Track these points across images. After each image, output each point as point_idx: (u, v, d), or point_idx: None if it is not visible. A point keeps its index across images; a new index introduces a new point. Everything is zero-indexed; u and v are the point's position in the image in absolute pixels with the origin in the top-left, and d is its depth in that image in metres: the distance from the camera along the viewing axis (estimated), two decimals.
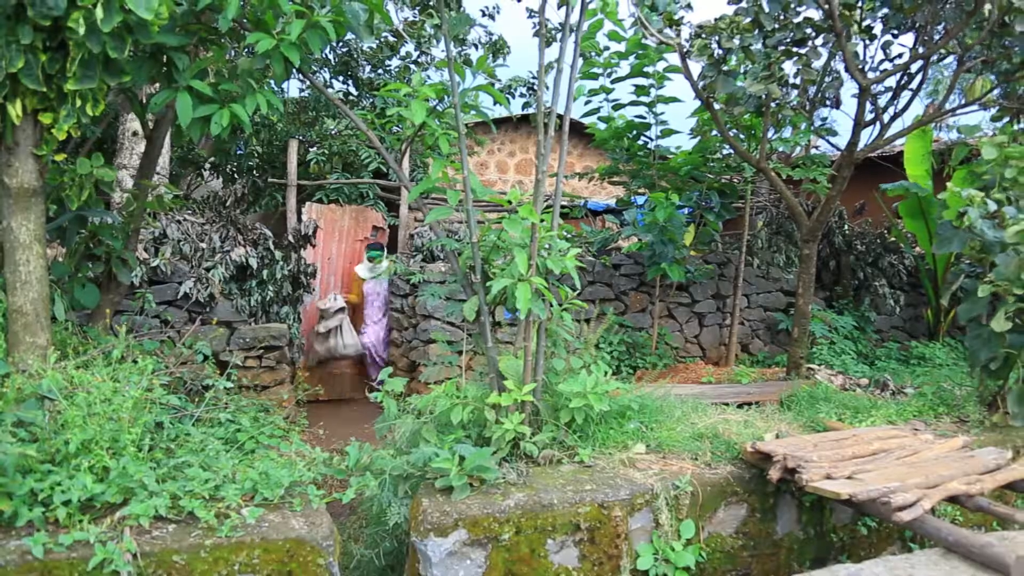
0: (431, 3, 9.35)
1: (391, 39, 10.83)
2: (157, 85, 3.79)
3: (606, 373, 4.13)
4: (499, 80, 6.64)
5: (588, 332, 5.45)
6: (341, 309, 8.18)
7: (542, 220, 3.83)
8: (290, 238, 7.21)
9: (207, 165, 10.68)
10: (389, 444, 3.96)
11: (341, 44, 11.01)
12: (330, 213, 8.88)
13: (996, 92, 6.02)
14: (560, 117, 4.09)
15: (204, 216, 7.06)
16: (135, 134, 8.06)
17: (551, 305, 4.00)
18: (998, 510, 3.67)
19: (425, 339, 7.08)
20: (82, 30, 3.10)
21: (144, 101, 4.54)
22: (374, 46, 11.11)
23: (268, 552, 2.86)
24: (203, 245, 6.26)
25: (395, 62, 11.75)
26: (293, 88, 13.03)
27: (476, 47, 9.33)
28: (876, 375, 6.73)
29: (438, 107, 3.96)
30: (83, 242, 4.48)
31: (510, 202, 4.15)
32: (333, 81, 11.79)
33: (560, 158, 4.17)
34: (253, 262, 6.31)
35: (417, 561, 3.30)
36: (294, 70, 3.74)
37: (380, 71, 11.64)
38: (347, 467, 3.63)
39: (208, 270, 6.03)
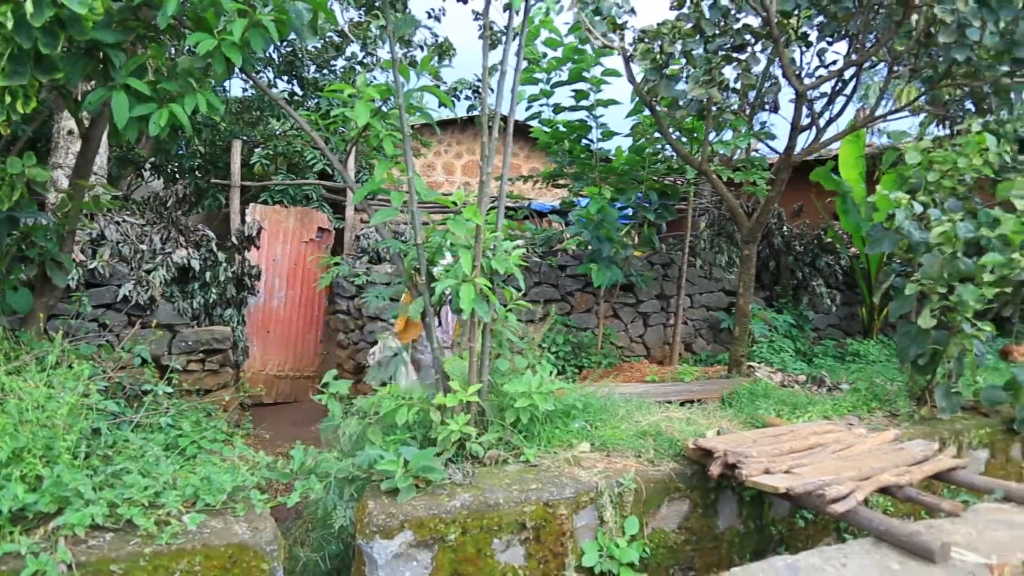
0: (377, 4, 9.29)
1: (336, 39, 10.71)
2: (93, 83, 3.68)
3: (551, 373, 4.15)
4: (445, 82, 6.65)
5: (534, 332, 5.49)
6: (395, 356, 6.26)
7: (487, 221, 3.84)
8: (233, 240, 7.09)
9: (147, 165, 10.41)
10: (334, 447, 3.92)
11: (286, 44, 10.85)
12: (275, 215, 8.74)
13: (923, 99, 6.24)
14: (504, 119, 4.11)
15: (144, 217, 6.87)
16: (70, 133, 7.80)
17: (496, 306, 4.02)
18: (925, 499, 3.84)
19: (371, 340, 7.01)
20: (10, 24, 3.00)
21: (79, 99, 4.41)
22: (319, 46, 10.97)
23: (210, 559, 2.80)
24: (143, 247, 6.10)
25: (341, 63, 11.62)
26: (236, 87, 12.81)
27: (422, 49, 9.32)
28: (813, 372, 6.92)
29: (383, 108, 3.94)
30: (14, 244, 4.33)
31: (455, 203, 4.15)
32: (277, 81, 11.62)
33: (504, 159, 4.19)
34: (195, 264, 6.18)
35: (363, 564, 3.27)
36: (236, 70, 3.68)
37: (325, 71, 11.51)
38: (291, 470, 3.58)
39: (148, 272, 5.88)
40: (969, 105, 5.89)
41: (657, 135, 7.04)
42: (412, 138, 3.88)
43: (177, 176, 10.38)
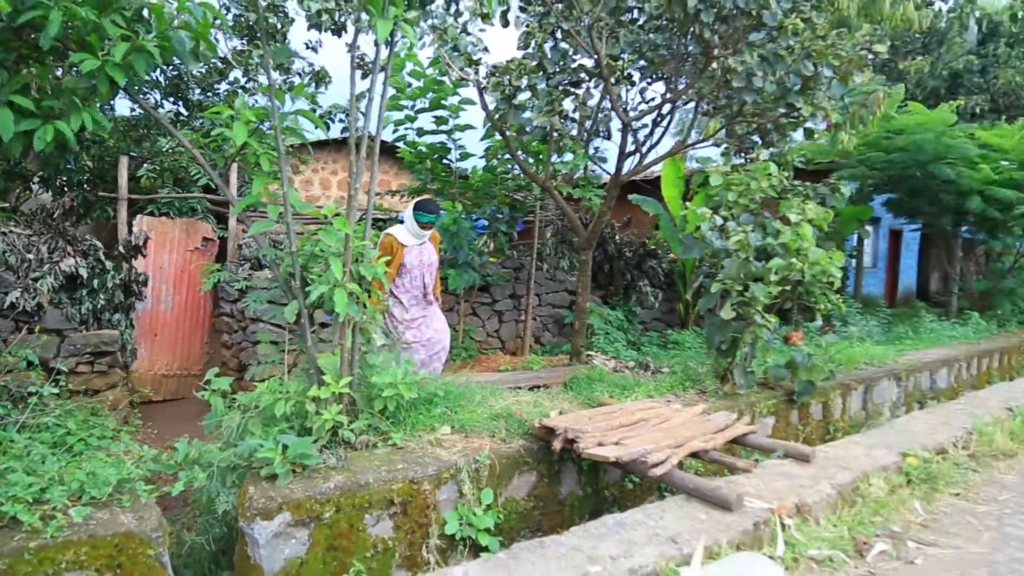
0: (257, 35, 9.03)
1: (220, 65, 10.28)
2: None
3: (413, 365, 4.23)
4: (320, 106, 6.56)
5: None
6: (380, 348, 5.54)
7: (356, 231, 3.89)
8: (121, 249, 6.70)
9: (35, 179, 9.61)
10: (218, 439, 3.84)
11: (171, 67, 10.33)
12: (161, 226, 8.31)
13: (723, 132, 6.78)
14: (371, 139, 4.17)
15: (32, 228, 6.36)
16: None
17: (365, 307, 4.07)
18: (726, 460, 4.13)
19: (253, 341, 6.85)
20: None
21: None
22: (204, 71, 10.52)
23: (96, 548, 2.71)
24: (30, 256, 5.67)
25: (224, 86, 11.21)
26: (124, 107, 12.01)
27: (300, 76, 9.12)
28: (641, 359, 7.27)
29: (264, 128, 3.90)
30: None
31: (326, 216, 4.16)
32: (164, 101, 11.05)
33: (372, 175, 4.24)
34: (83, 272, 5.81)
35: (246, 544, 3.24)
36: (121, 90, 3.53)
37: (210, 94, 11.05)
38: (176, 462, 3.48)
39: (36, 280, 5.48)
40: (757, 138, 6.45)
41: (507, 156, 7.26)
42: (290, 156, 3.87)
43: (66, 189, 9.64)
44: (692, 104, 6.65)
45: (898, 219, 13.13)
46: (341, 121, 10.36)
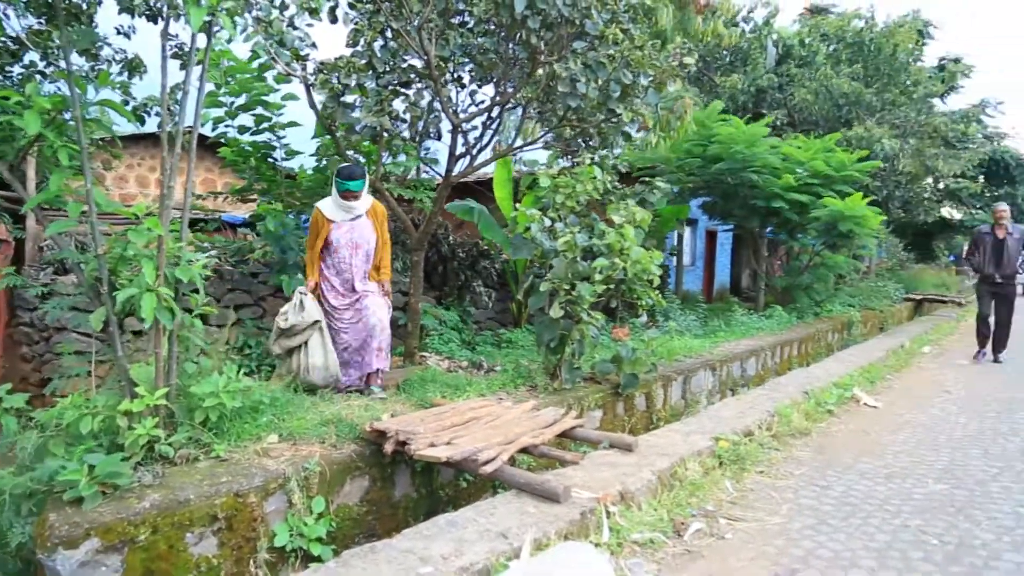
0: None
1: (12, 46, 9.22)
2: None
3: (238, 373, 4.12)
4: (135, 98, 6.10)
5: (228, 336, 5.32)
6: (313, 324, 5.30)
7: (172, 231, 3.73)
8: None
9: None
10: (12, 463, 3.52)
11: None
12: None
13: (551, 135, 7.13)
14: (188, 134, 4.01)
15: None
16: None
17: (181, 312, 3.90)
18: (554, 454, 4.36)
19: (58, 352, 6.26)
20: None
21: None
22: None
23: None
24: None
25: (19, 69, 10.04)
26: None
27: (111, 63, 8.38)
28: (475, 358, 7.42)
29: (67, 119, 3.62)
30: None
31: (136, 215, 3.95)
32: None
33: (188, 173, 4.08)
34: None
35: None
36: None
37: (1, 76, 9.87)
38: None
39: None
40: (582, 142, 6.85)
41: (337, 156, 7.19)
42: (100, 151, 3.63)
43: None
44: (520, 108, 6.92)
45: (713, 221, 14.43)
46: (158, 115, 9.68)
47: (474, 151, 6.75)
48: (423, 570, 2.80)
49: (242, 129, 6.98)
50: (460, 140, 6.63)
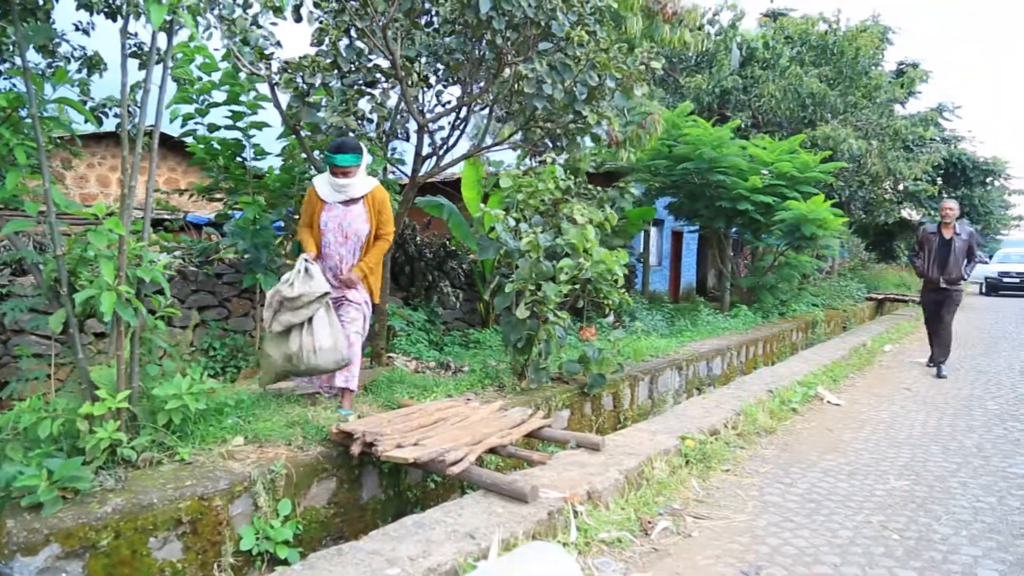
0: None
1: None
2: None
3: (202, 375, 4.10)
4: (92, 98, 5.95)
5: (192, 338, 5.26)
6: (323, 296, 4.67)
7: (134, 232, 3.71)
8: None
9: None
10: None
11: None
12: None
13: (519, 135, 7.19)
14: (149, 134, 3.98)
15: None
16: None
17: (144, 313, 3.88)
18: (522, 454, 4.41)
19: (15, 355, 6.12)
20: None
21: None
22: None
23: None
24: None
25: None
26: None
27: (69, 60, 8.20)
28: (443, 359, 7.44)
29: (23, 116, 3.58)
30: None
31: (96, 215, 3.92)
32: None
33: (150, 171, 4.05)
34: None
35: None
36: None
37: None
38: None
39: None
40: (550, 143, 6.91)
41: (304, 156, 7.16)
42: (60, 150, 3.59)
43: None
44: (487, 108, 6.96)
45: (679, 221, 14.63)
46: (117, 115, 9.50)
47: (441, 151, 6.77)
48: (390, 572, 2.83)
49: (212, 128, 6.91)
50: (427, 140, 6.65)
